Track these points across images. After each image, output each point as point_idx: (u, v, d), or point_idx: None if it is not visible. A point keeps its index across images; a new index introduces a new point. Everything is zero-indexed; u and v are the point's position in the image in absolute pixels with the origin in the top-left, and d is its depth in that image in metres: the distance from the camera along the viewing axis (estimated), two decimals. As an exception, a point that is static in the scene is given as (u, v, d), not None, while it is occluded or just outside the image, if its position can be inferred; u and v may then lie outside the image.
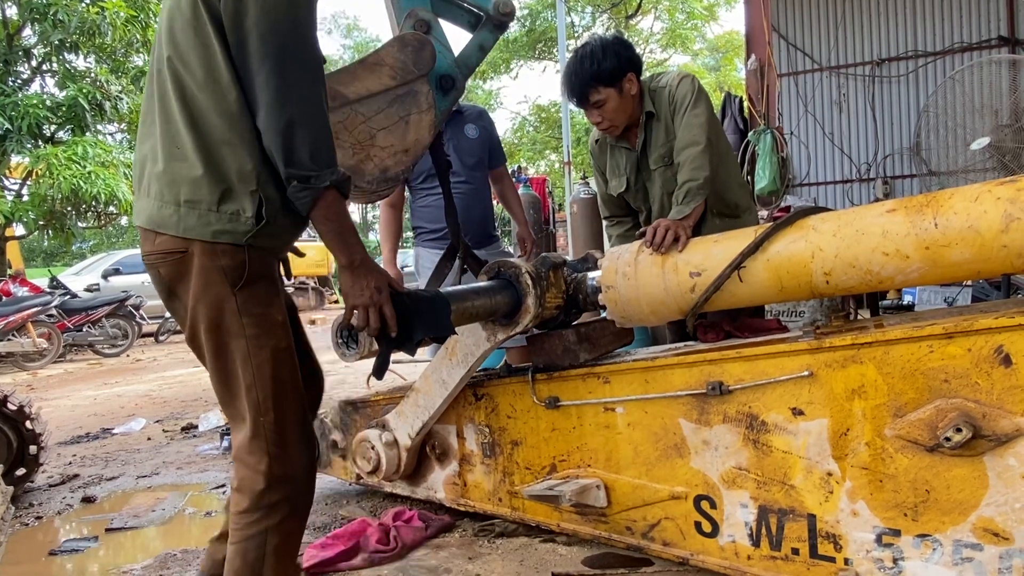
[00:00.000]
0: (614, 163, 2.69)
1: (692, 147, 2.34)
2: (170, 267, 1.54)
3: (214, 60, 1.47)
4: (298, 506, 1.63)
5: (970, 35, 6.56)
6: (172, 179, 1.50)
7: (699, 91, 2.45)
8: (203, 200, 1.48)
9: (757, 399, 1.85)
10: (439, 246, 3.13)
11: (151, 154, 1.55)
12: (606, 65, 2.42)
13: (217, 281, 1.51)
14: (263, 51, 1.43)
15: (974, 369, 1.56)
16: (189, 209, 1.49)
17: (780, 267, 1.88)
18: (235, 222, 1.49)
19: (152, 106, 1.56)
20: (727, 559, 1.93)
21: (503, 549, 2.32)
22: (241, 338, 1.53)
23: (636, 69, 2.49)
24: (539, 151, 21.95)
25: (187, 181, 1.49)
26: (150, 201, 1.54)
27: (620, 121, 2.52)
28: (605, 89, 2.45)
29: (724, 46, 21.75)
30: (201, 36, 1.47)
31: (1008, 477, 1.53)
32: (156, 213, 1.52)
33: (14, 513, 3.02)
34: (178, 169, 1.49)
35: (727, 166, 2.60)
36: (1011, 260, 1.61)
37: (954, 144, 6.40)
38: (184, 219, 1.49)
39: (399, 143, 2.11)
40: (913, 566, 1.65)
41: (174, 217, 1.49)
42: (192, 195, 1.48)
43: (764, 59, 7.18)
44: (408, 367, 3.17)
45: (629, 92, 2.48)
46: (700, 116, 2.39)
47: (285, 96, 1.44)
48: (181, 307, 1.57)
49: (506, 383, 2.36)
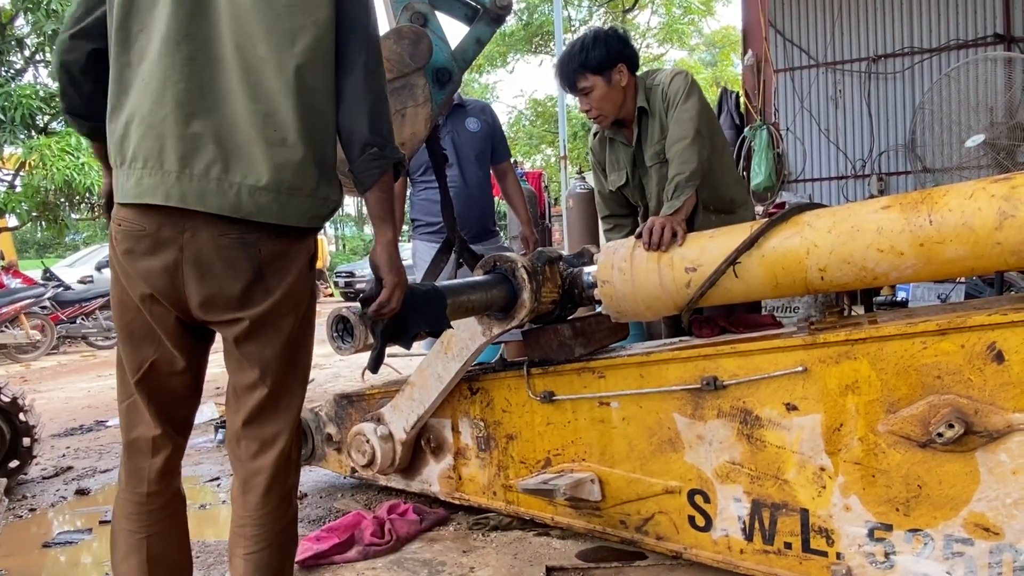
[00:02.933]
0: (613, 157, 2.70)
1: (680, 141, 2.35)
2: (268, 251, 1.45)
3: (325, 44, 1.44)
4: None
5: (966, 32, 6.57)
6: (274, 164, 1.40)
7: (691, 86, 2.45)
8: (305, 186, 1.45)
9: (751, 394, 1.86)
10: (437, 239, 3.11)
11: (213, 134, 1.40)
12: (595, 54, 2.45)
13: (307, 267, 1.52)
14: (363, 42, 1.49)
15: (967, 365, 1.57)
16: (291, 195, 1.43)
17: (775, 263, 1.89)
18: (323, 207, 1.49)
19: (202, 81, 1.39)
20: (720, 553, 1.94)
21: (497, 542, 2.32)
22: (312, 325, 1.57)
23: (628, 61, 2.51)
24: (535, 145, 21.91)
25: (290, 167, 1.42)
26: (225, 184, 1.40)
27: (608, 111, 2.54)
28: (593, 77, 2.47)
29: (721, 41, 21.73)
30: (313, 14, 1.43)
31: (999, 473, 1.54)
32: (248, 199, 1.40)
33: (8, 505, 3.02)
34: (279, 154, 1.41)
35: (722, 161, 2.61)
36: (1005, 257, 1.62)
37: (949, 141, 6.41)
38: (285, 206, 1.43)
39: (396, 136, 2.10)
40: (904, 560, 1.66)
41: (274, 205, 1.41)
42: (295, 181, 1.43)
43: (761, 55, 7.18)
44: (403, 361, 3.17)
45: (619, 83, 2.49)
46: (690, 111, 2.39)
47: (376, 77, 1.52)
48: (261, 291, 1.46)
49: (501, 377, 2.37)
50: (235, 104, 1.40)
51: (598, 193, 2.89)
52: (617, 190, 2.71)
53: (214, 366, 1.71)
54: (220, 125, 1.41)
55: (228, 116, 1.41)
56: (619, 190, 2.71)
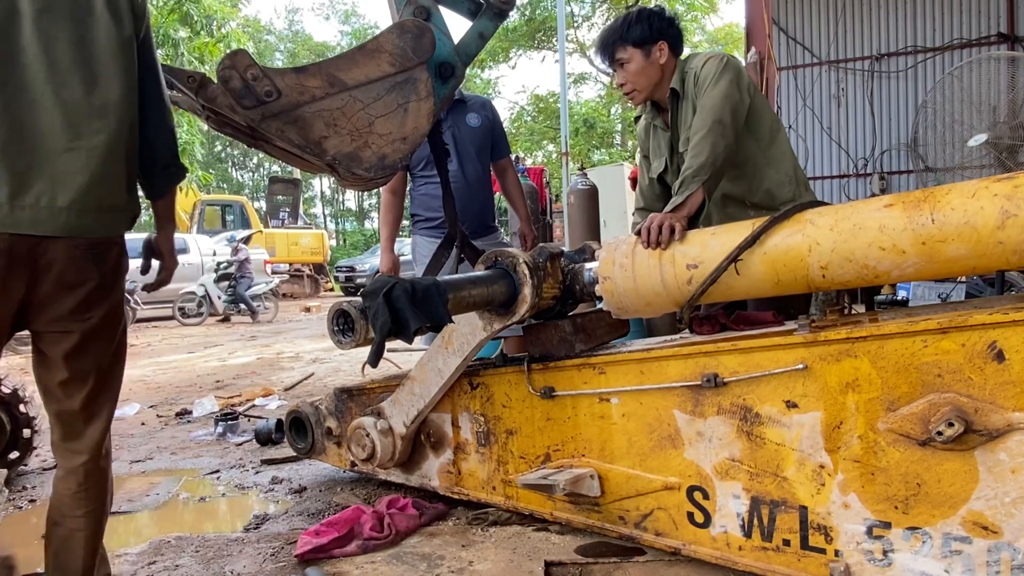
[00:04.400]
0: (655, 144, 2.66)
1: (695, 135, 2.27)
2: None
3: (132, 82, 1.68)
4: None
5: (969, 31, 6.56)
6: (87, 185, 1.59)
7: (723, 71, 2.33)
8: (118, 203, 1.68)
9: (751, 391, 1.86)
10: (437, 234, 3.11)
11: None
12: (637, 27, 2.44)
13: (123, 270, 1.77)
14: (157, 76, 1.77)
15: (967, 364, 1.57)
16: (107, 212, 1.65)
17: (777, 260, 1.89)
18: (131, 219, 1.74)
19: (23, 121, 1.53)
20: (719, 549, 1.95)
21: (496, 537, 2.33)
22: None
23: (671, 41, 2.47)
24: (537, 141, 21.90)
25: (105, 186, 1.63)
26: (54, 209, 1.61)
27: (642, 86, 2.50)
28: (631, 49, 2.45)
29: (724, 39, 21.70)
30: (118, 60, 1.63)
31: (998, 472, 1.54)
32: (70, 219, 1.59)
33: (7, 496, 3.02)
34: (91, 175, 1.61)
35: (766, 152, 2.46)
36: (1006, 256, 1.62)
37: (951, 140, 6.41)
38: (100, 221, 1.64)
39: (397, 131, 2.10)
40: (903, 558, 1.66)
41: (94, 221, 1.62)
42: (112, 200, 1.65)
43: (764, 52, 7.16)
44: (403, 356, 3.17)
45: (657, 60, 2.46)
46: (714, 98, 2.28)
47: (168, 104, 1.82)
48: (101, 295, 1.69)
49: (502, 372, 2.37)
50: (53, 140, 1.56)
51: (639, 184, 2.83)
52: (659, 177, 2.65)
53: (213, 359, 1.71)
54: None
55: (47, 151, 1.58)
56: (660, 177, 2.64)
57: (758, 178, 2.46)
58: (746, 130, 2.38)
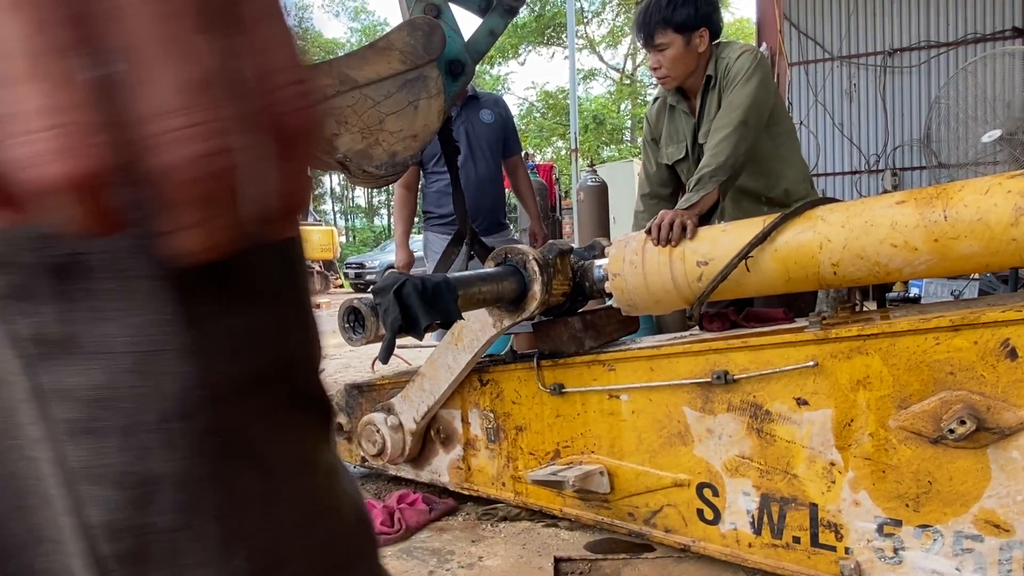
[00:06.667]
0: (673, 128, 2.59)
1: (717, 132, 2.25)
2: None
3: None
4: None
5: (983, 26, 6.50)
6: None
7: (755, 68, 2.31)
8: None
9: (762, 388, 1.86)
10: (448, 231, 3.12)
11: None
12: (683, 10, 2.35)
13: None
14: None
15: (980, 362, 1.56)
16: None
17: (788, 257, 1.88)
18: None
19: None
20: (728, 546, 1.95)
21: (506, 533, 2.34)
22: None
23: (712, 28, 2.41)
24: (546, 138, 21.87)
25: None
26: None
27: (678, 73, 2.44)
28: (673, 34, 2.37)
29: (735, 34, 21.59)
30: None
31: (1011, 470, 1.53)
32: None
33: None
34: None
35: (780, 151, 2.46)
36: (1020, 254, 1.61)
37: (965, 136, 6.35)
38: None
39: (408, 128, 2.11)
40: (913, 556, 1.66)
41: None
42: None
43: (775, 47, 7.12)
44: (414, 352, 3.18)
45: (696, 47, 2.40)
46: (744, 96, 2.26)
47: None
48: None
49: (511, 369, 2.37)
50: None
51: (643, 169, 2.75)
52: (672, 164, 2.58)
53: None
54: None
55: None
56: (674, 165, 2.58)
57: (775, 175, 2.45)
58: (764, 128, 2.37)
